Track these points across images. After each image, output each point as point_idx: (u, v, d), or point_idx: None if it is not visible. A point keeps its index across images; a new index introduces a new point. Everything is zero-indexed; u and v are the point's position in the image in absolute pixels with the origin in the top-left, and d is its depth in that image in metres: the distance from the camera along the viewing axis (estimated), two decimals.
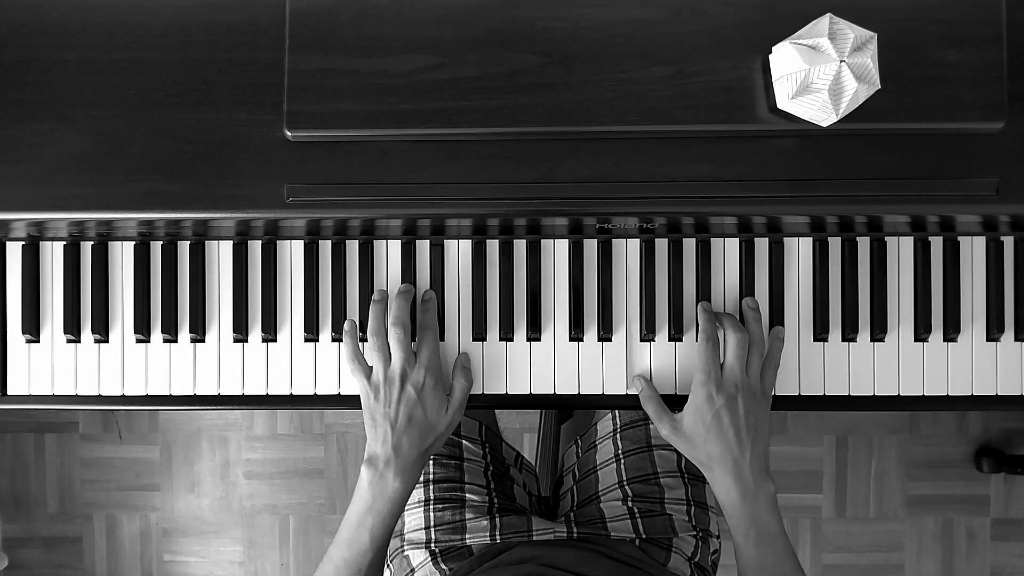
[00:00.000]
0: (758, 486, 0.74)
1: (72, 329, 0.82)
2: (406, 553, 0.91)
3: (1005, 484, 1.75)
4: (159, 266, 0.83)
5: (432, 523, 0.92)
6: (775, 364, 0.79)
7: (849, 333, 0.81)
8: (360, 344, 0.80)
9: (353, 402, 0.83)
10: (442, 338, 0.82)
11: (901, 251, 0.82)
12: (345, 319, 0.82)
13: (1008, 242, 0.81)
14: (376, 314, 0.78)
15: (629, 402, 0.82)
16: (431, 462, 0.96)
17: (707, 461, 0.76)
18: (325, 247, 0.82)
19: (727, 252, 0.82)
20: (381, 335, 0.77)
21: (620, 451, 0.98)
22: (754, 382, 0.76)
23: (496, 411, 1.09)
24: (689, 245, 0.82)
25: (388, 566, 0.94)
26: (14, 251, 0.83)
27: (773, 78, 0.69)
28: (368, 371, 0.77)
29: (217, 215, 0.76)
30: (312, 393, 0.83)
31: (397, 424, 0.75)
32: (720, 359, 0.77)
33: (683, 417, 0.77)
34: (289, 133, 0.74)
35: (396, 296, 0.79)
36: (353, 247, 0.82)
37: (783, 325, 0.81)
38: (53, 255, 0.83)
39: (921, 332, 0.81)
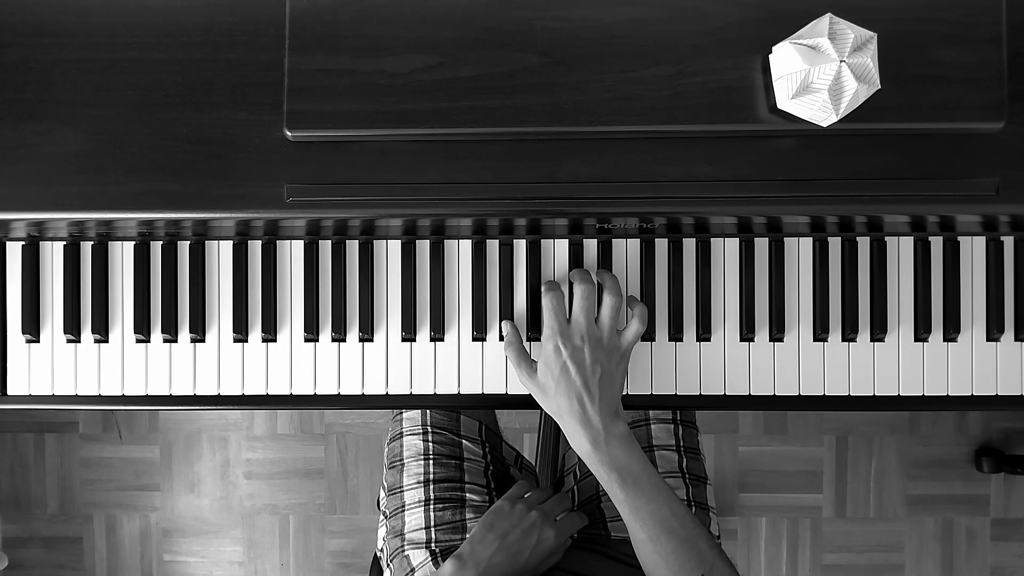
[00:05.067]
0: (607, 430, 0.74)
1: (72, 329, 0.82)
2: (406, 553, 0.91)
3: (1005, 484, 1.75)
4: (159, 266, 0.83)
5: (432, 523, 0.92)
6: (641, 319, 0.78)
7: (849, 333, 0.81)
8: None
9: (351, 402, 0.83)
10: (443, 339, 0.82)
11: (901, 251, 0.82)
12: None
13: (1008, 242, 0.81)
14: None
15: (627, 402, 0.82)
16: (431, 462, 0.96)
17: (558, 412, 0.76)
18: (325, 247, 0.82)
19: (727, 252, 0.82)
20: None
21: None
22: (604, 332, 0.76)
23: (496, 411, 1.09)
24: (689, 245, 0.82)
25: (388, 566, 0.94)
26: (14, 251, 0.83)
27: (773, 78, 0.69)
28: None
29: (217, 215, 0.76)
30: (312, 393, 0.83)
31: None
32: (567, 311, 0.78)
33: (537, 367, 0.77)
34: (289, 133, 0.74)
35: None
36: (353, 247, 0.83)
37: (784, 325, 0.81)
38: (53, 255, 0.83)
39: (921, 332, 0.81)
